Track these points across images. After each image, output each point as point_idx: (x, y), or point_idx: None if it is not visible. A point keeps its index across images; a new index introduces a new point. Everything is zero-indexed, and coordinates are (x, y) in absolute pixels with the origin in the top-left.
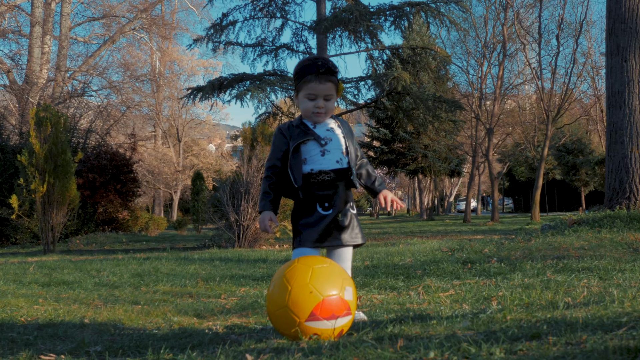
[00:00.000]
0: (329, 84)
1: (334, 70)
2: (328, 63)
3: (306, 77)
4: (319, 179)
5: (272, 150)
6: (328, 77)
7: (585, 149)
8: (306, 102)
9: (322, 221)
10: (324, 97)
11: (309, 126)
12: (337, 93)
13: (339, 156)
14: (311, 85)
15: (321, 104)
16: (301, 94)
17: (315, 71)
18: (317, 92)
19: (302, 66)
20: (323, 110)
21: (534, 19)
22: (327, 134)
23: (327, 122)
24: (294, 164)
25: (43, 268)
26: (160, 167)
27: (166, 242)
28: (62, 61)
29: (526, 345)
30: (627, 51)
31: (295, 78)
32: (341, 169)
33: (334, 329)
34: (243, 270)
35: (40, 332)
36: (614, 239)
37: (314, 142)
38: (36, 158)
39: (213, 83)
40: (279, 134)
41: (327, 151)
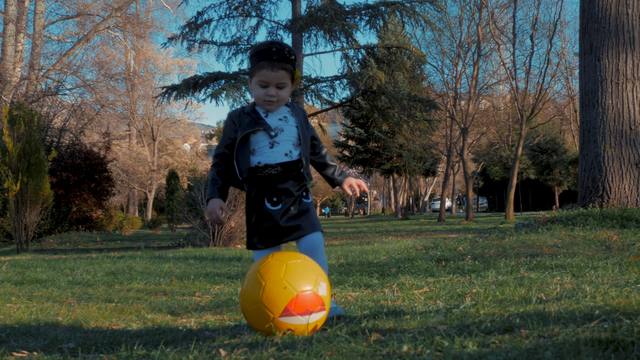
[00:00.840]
0: (282, 72)
1: (289, 57)
2: (284, 49)
3: (259, 63)
4: (265, 173)
5: (222, 138)
6: (282, 65)
7: (559, 148)
8: (258, 89)
9: (272, 218)
10: (277, 85)
11: (261, 114)
12: (292, 82)
13: (288, 148)
14: (263, 72)
15: (273, 92)
16: (254, 80)
17: (269, 57)
18: (269, 79)
19: (256, 51)
20: (275, 99)
21: (509, 19)
22: (278, 124)
23: (281, 110)
24: (240, 155)
25: (16, 267)
26: (135, 166)
27: (140, 241)
28: (36, 59)
29: (499, 338)
30: (600, 50)
31: (250, 62)
32: (290, 162)
33: (307, 325)
34: (217, 269)
35: (13, 329)
36: (587, 237)
37: (263, 132)
38: (9, 157)
39: (188, 82)
40: (229, 121)
41: (276, 143)
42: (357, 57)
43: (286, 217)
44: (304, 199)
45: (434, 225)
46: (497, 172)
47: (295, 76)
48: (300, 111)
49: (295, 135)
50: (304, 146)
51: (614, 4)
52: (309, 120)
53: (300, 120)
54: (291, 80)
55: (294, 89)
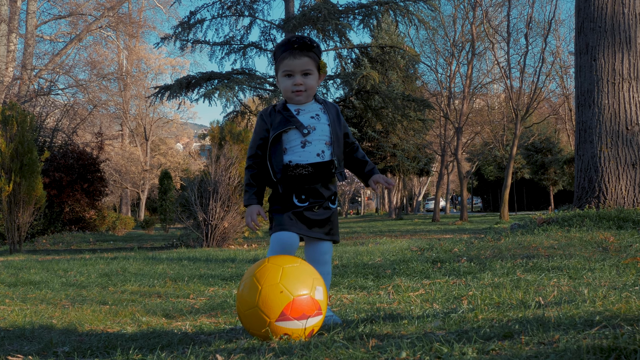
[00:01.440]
0: (305, 59)
1: (310, 45)
2: (304, 38)
3: (282, 55)
4: (296, 173)
5: (253, 138)
6: (304, 52)
7: (553, 148)
8: (284, 81)
9: (296, 211)
10: (302, 73)
11: (292, 112)
12: (318, 70)
13: (320, 148)
14: (286, 62)
15: (299, 80)
16: (279, 73)
17: (290, 47)
18: (293, 67)
19: (278, 46)
20: (302, 87)
21: (503, 18)
22: (311, 122)
23: (312, 108)
24: (273, 155)
25: (9, 268)
26: (128, 166)
27: (134, 242)
28: (28, 59)
29: (499, 345)
30: (596, 50)
31: (274, 60)
32: (322, 162)
33: (304, 329)
34: (212, 270)
35: (7, 332)
36: (584, 238)
37: (295, 130)
38: (2, 157)
39: (181, 82)
40: (260, 120)
41: (308, 142)
42: (351, 56)
43: (309, 213)
44: (330, 203)
45: (428, 226)
46: (492, 171)
47: (320, 65)
48: (332, 107)
49: (327, 134)
50: (337, 145)
51: (609, 3)
52: (341, 116)
53: (332, 117)
54: (317, 70)
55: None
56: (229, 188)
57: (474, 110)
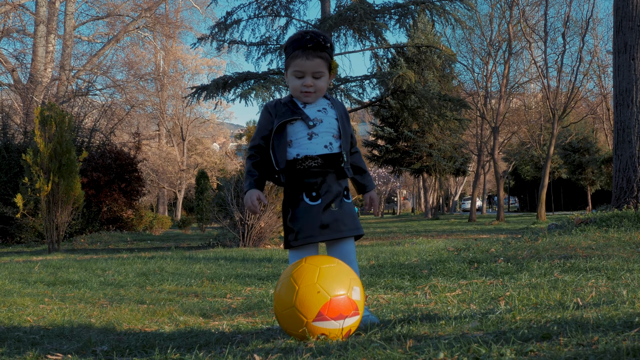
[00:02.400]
0: (317, 60)
1: (324, 45)
2: (318, 37)
3: (293, 53)
4: (305, 165)
5: (257, 129)
6: (317, 53)
7: (591, 147)
8: (294, 80)
9: (310, 213)
10: (313, 75)
11: (298, 105)
12: (329, 71)
13: (328, 140)
14: (298, 62)
15: (309, 82)
16: (289, 71)
17: (303, 46)
18: (305, 69)
19: (290, 41)
20: (312, 89)
21: (540, 17)
22: (317, 115)
23: (320, 102)
24: (277, 145)
25: (48, 267)
26: (165, 166)
27: (170, 241)
28: (67, 60)
29: (537, 346)
30: (635, 49)
31: (285, 54)
32: (330, 154)
33: (341, 329)
34: (248, 270)
35: (46, 331)
36: (622, 239)
37: (301, 122)
38: (41, 157)
39: (217, 82)
40: (265, 112)
41: (314, 134)
42: (387, 56)
43: (327, 213)
44: (344, 198)
45: (465, 226)
46: (529, 171)
47: (332, 66)
48: (340, 105)
49: (335, 127)
50: (345, 140)
51: None
52: (348, 117)
53: (340, 113)
54: (328, 70)
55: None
56: (265, 188)
57: (510, 109)
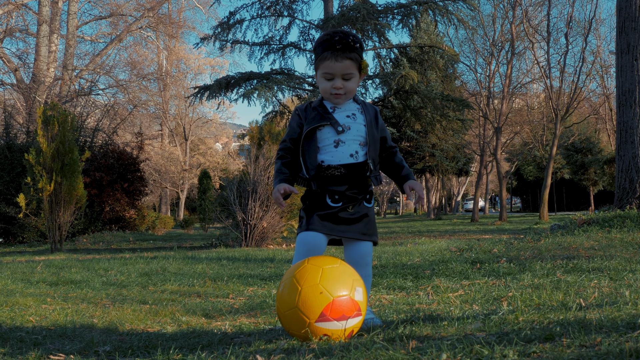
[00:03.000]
0: (347, 62)
1: (354, 46)
2: (347, 37)
3: (322, 55)
4: (328, 174)
5: (287, 132)
6: (346, 54)
7: (594, 147)
8: (323, 82)
9: (330, 212)
10: (342, 77)
11: (328, 109)
12: (359, 72)
13: (354, 149)
14: (327, 64)
15: (339, 84)
16: (318, 73)
17: (332, 47)
18: (334, 71)
19: (319, 42)
20: (342, 91)
21: (543, 17)
22: (346, 121)
23: (350, 107)
24: (307, 151)
25: (51, 267)
26: (167, 166)
27: (173, 241)
28: (69, 60)
29: (540, 347)
30: (638, 50)
31: (314, 55)
32: (355, 163)
33: (344, 330)
34: (251, 270)
35: (48, 331)
36: (625, 239)
37: (330, 128)
38: (43, 157)
39: (220, 82)
40: (295, 115)
41: (341, 142)
42: (390, 56)
43: (344, 213)
44: (365, 202)
45: (467, 226)
46: (531, 171)
47: (362, 65)
48: (371, 109)
49: (363, 135)
50: (372, 147)
51: None
52: (380, 119)
53: (370, 118)
54: (359, 70)
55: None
56: (268, 188)
57: (513, 110)
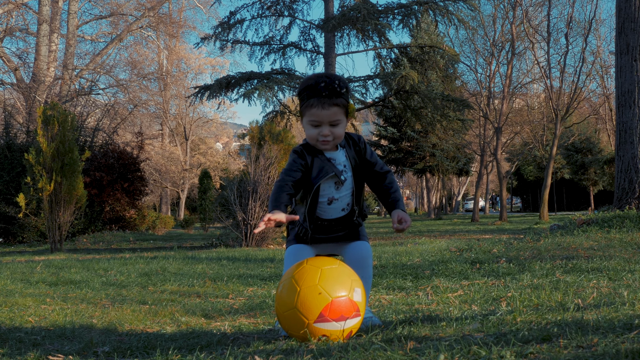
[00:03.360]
0: (334, 109)
1: (340, 92)
2: (333, 83)
3: (308, 101)
4: (319, 223)
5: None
6: (332, 101)
7: (594, 148)
8: (310, 129)
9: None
10: (330, 123)
11: (327, 155)
12: (346, 116)
13: (346, 202)
14: (313, 111)
15: (326, 131)
16: (304, 119)
17: (318, 94)
18: (321, 118)
19: (304, 87)
20: (330, 137)
21: (543, 18)
22: (343, 171)
23: (339, 157)
24: (311, 203)
25: (50, 267)
26: (168, 166)
27: (173, 241)
28: (70, 59)
29: (537, 348)
30: (637, 50)
31: (299, 99)
32: (344, 215)
33: (342, 331)
34: (251, 270)
35: (48, 332)
36: (624, 239)
37: (331, 181)
38: (43, 156)
39: (220, 81)
40: (296, 156)
41: (335, 200)
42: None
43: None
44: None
45: (468, 226)
46: (531, 171)
47: (349, 109)
48: (354, 143)
49: (351, 186)
50: (358, 194)
51: None
52: (366, 146)
53: (352, 155)
54: (345, 115)
55: (349, 122)
56: (268, 188)
57: (513, 110)
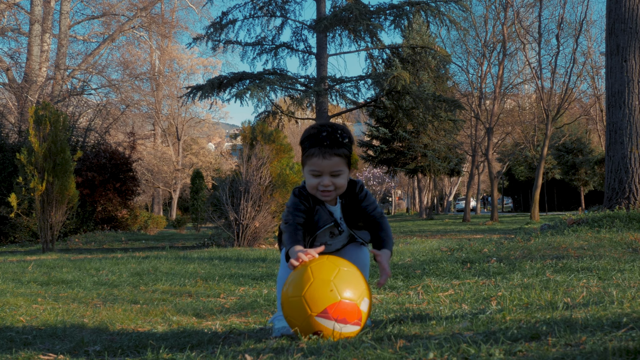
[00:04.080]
0: (335, 159)
1: (342, 142)
2: (335, 132)
3: (309, 151)
4: None
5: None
6: (334, 151)
7: (584, 148)
8: (311, 179)
9: None
10: (331, 174)
11: (328, 208)
12: (349, 166)
13: (341, 244)
14: (314, 161)
15: (327, 181)
16: (305, 168)
17: (319, 144)
18: (322, 168)
19: (306, 136)
20: (331, 188)
21: (534, 19)
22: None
23: (337, 208)
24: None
25: (42, 267)
26: (160, 166)
27: (165, 241)
28: (62, 59)
29: (525, 346)
30: (627, 51)
31: (301, 148)
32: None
33: (340, 333)
34: (242, 270)
35: (39, 331)
36: (614, 239)
37: (327, 231)
38: (35, 156)
39: (213, 82)
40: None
41: (328, 244)
42: (382, 57)
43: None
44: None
45: (459, 226)
46: (523, 172)
47: (352, 159)
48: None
49: (347, 234)
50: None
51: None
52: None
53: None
54: (348, 166)
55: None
56: (260, 188)
57: (505, 110)
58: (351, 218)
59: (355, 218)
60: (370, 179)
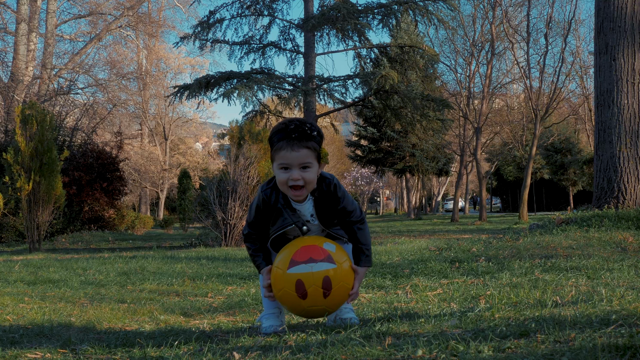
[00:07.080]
0: (304, 151)
1: (311, 134)
2: (303, 125)
3: (278, 144)
4: None
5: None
6: (303, 143)
7: (573, 148)
8: (280, 174)
9: None
10: (300, 166)
11: (294, 206)
12: (318, 161)
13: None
14: (283, 154)
15: (296, 175)
16: (274, 164)
17: (287, 136)
18: (290, 161)
19: (274, 131)
20: (300, 182)
21: (523, 18)
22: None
23: (308, 208)
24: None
25: (29, 266)
26: (147, 166)
27: (152, 241)
28: (48, 59)
29: (514, 343)
30: (616, 50)
31: (270, 145)
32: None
33: (313, 274)
34: (230, 269)
35: (26, 330)
36: (602, 238)
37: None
38: (22, 156)
39: (200, 81)
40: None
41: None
42: (370, 56)
43: None
44: None
45: (447, 226)
46: (511, 171)
47: (321, 153)
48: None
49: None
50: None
51: (629, 3)
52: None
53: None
54: (317, 160)
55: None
56: (247, 187)
57: (493, 110)
58: (325, 215)
59: (329, 216)
60: (359, 179)
